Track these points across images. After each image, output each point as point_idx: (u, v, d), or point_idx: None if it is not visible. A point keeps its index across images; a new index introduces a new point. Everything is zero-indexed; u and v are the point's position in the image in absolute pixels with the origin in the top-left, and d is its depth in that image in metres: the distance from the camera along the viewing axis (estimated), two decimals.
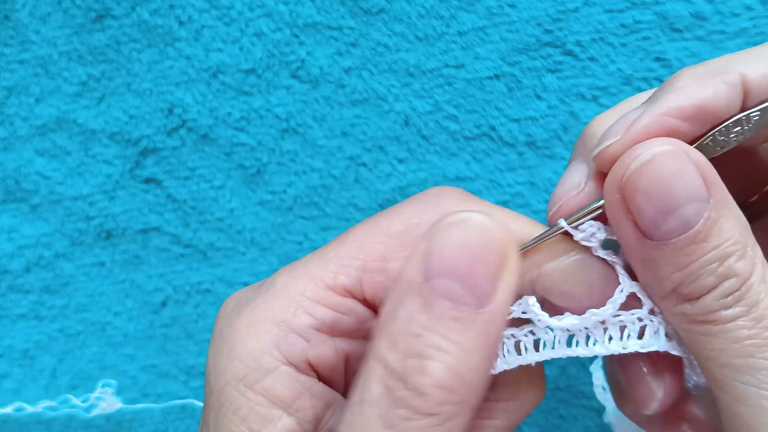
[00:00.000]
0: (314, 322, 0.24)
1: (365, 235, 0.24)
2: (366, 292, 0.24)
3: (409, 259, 0.22)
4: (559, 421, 0.38)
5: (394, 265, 0.24)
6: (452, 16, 0.37)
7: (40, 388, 0.40)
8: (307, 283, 0.24)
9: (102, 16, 0.39)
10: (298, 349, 0.23)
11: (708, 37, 0.36)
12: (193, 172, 0.39)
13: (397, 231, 0.24)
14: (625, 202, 0.21)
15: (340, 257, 0.24)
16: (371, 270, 0.24)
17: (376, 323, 0.23)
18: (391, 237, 0.24)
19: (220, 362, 0.23)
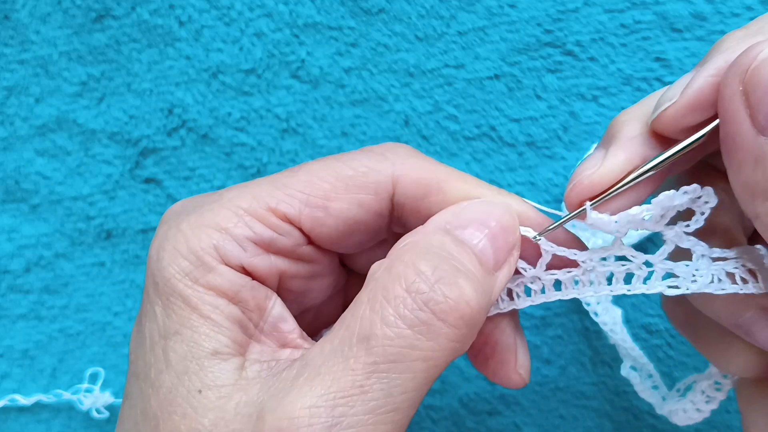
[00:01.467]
0: (252, 234, 0.26)
1: (315, 173, 0.26)
2: (303, 223, 0.26)
3: (440, 212, 0.26)
4: (559, 421, 0.38)
5: (336, 205, 0.26)
6: (452, 16, 0.37)
7: (40, 388, 0.40)
8: (252, 201, 0.26)
9: (102, 16, 0.39)
10: (235, 255, 0.25)
11: (708, 37, 0.36)
12: (193, 172, 0.39)
13: (345, 175, 0.26)
14: (746, 95, 0.21)
15: (287, 187, 0.26)
16: (313, 205, 0.26)
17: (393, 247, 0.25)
18: (339, 179, 0.26)
19: (164, 257, 0.25)
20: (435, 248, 0.24)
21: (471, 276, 0.23)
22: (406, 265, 0.23)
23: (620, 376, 0.37)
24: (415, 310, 0.22)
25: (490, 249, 0.25)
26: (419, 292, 0.23)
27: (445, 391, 0.38)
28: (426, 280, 0.23)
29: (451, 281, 0.23)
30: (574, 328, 0.38)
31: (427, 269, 0.23)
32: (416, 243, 0.24)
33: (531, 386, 0.38)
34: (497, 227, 0.25)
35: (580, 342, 0.38)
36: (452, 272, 0.23)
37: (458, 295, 0.23)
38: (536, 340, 0.38)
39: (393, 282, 0.23)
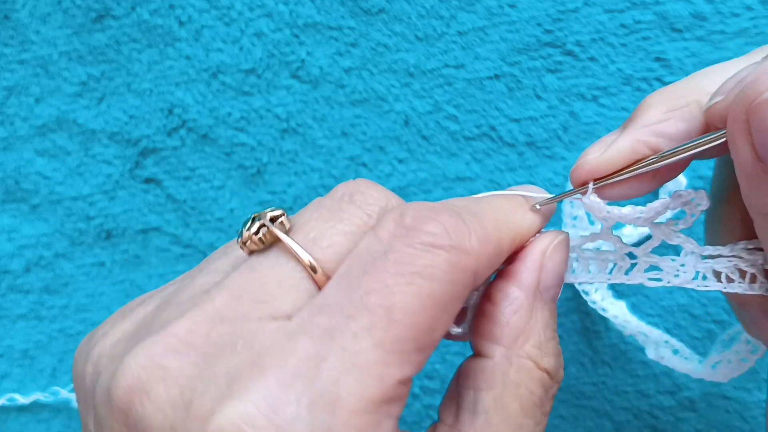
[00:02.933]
0: (395, 422, 0.22)
1: (416, 311, 0.22)
2: (420, 370, 0.23)
3: (524, 272, 0.26)
4: (559, 421, 0.38)
5: (439, 333, 0.22)
6: (452, 16, 0.37)
7: (40, 389, 0.40)
8: (380, 387, 0.21)
9: (102, 16, 0.39)
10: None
11: (708, 37, 0.36)
12: (193, 172, 0.39)
13: (438, 295, 0.22)
14: (748, 124, 0.21)
15: (400, 342, 0.21)
16: (425, 346, 0.22)
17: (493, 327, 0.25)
18: (437, 304, 0.22)
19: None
20: (545, 333, 0.25)
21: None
22: (532, 361, 0.25)
23: (620, 376, 0.37)
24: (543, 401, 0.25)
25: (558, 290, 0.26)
26: (548, 390, 0.25)
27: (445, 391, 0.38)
28: (550, 377, 0.25)
29: (561, 365, 0.25)
30: (574, 328, 0.38)
31: (551, 365, 0.25)
32: (529, 329, 0.25)
33: None
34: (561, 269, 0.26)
35: (580, 342, 0.38)
36: (559, 351, 0.25)
37: (562, 372, 0.26)
38: None
39: (527, 381, 0.24)
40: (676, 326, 0.37)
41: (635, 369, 0.37)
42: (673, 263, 0.26)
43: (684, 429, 0.38)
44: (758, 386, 0.37)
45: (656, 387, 0.37)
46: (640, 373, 0.37)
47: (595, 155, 0.25)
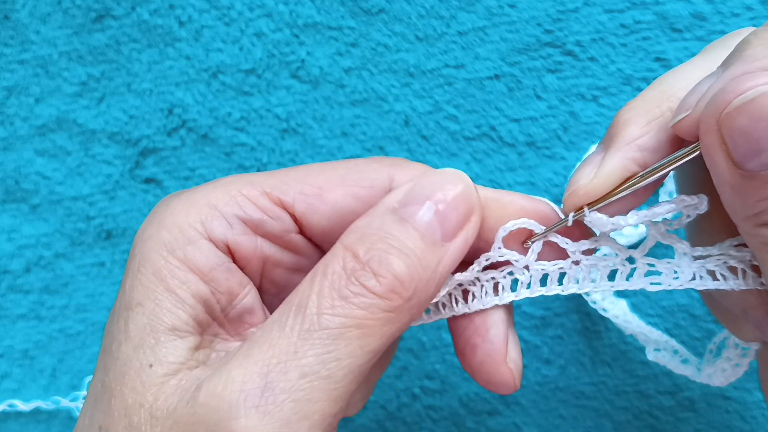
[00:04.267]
0: (241, 213, 0.26)
1: (313, 168, 0.27)
2: (296, 208, 0.27)
3: (391, 192, 0.26)
4: (559, 421, 0.38)
5: (330, 195, 0.26)
6: (452, 16, 0.37)
7: (40, 388, 0.40)
8: (247, 185, 0.26)
9: (102, 16, 0.39)
10: (221, 231, 0.26)
11: (708, 37, 0.36)
12: (193, 172, 0.39)
13: (341, 172, 0.27)
14: (721, 134, 0.22)
15: (284, 176, 0.27)
16: (308, 192, 0.26)
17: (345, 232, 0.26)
18: (335, 174, 0.27)
19: (147, 230, 0.26)
20: (374, 229, 0.25)
21: (406, 251, 0.24)
22: (345, 246, 0.25)
23: (620, 376, 0.37)
24: (348, 285, 0.24)
25: (436, 221, 0.25)
26: (352, 271, 0.24)
27: (445, 391, 0.38)
28: (359, 260, 0.24)
29: (381, 258, 0.24)
30: (574, 328, 0.38)
31: (361, 251, 0.24)
32: (359, 227, 0.25)
33: (531, 386, 0.38)
34: (445, 198, 0.25)
35: (580, 342, 0.38)
36: (384, 251, 0.24)
37: (386, 269, 0.24)
38: (536, 340, 0.38)
39: (332, 261, 0.25)
40: (676, 326, 0.37)
41: (635, 369, 0.37)
42: (669, 265, 0.26)
43: (684, 429, 0.38)
44: (758, 386, 0.37)
45: (656, 387, 0.37)
46: (640, 373, 0.37)
47: (586, 180, 0.25)
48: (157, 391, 0.23)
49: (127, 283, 0.25)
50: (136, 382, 0.24)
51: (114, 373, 0.24)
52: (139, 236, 0.26)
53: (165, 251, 0.25)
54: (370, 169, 0.27)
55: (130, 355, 0.24)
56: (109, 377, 0.24)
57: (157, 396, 0.23)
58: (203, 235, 0.25)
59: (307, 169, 0.27)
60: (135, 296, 0.25)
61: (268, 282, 0.28)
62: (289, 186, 0.27)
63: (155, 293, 0.25)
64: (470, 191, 0.26)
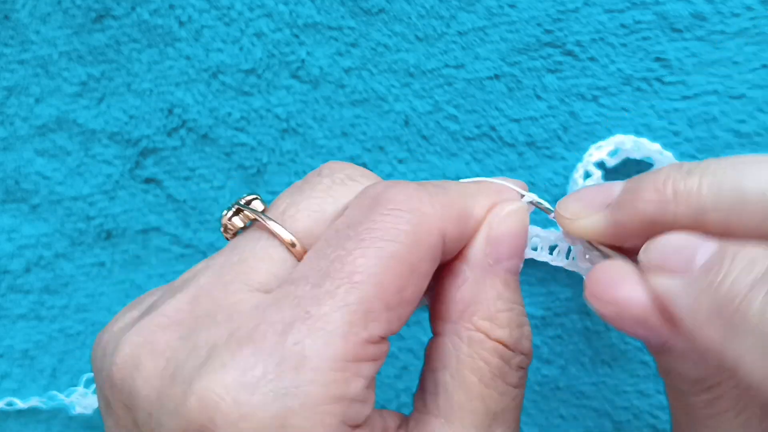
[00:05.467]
0: (365, 382, 0.22)
1: (378, 272, 0.22)
2: (393, 329, 0.23)
3: (473, 246, 0.26)
4: (559, 421, 0.38)
5: (409, 292, 0.23)
6: (452, 16, 0.37)
7: (40, 389, 0.40)
8: (343, 345, 0.21)
9: (102, 16, 0.39)
10: (362, 416, 0.22)
11: (708, 37, 0.36)
12: (193, 172, 0.39)
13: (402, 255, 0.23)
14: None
15: (364, 302, 0.22)
16: (392, 307, 0.23)
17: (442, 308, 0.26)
18: (402, 264, 0.23)
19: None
20: (497, 305, 0.25)
21: (523, 312, 0.26)
22: (484, 333, 0.25)
23: (620, 375, 0.37)
24: (509, 372, 0.25)
25: (516, 261, 0.26)
26: (509, 360, 0.25)
27: None
28: (508, 349, 0.25)
29: (525, 336, 0.25)
30: (574, 328, 0.38)
31: (506, 336, 0.25)
32: (479, 302, 0.25)
33: (531, 386, 0.38)
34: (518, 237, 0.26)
35: (580, 342, 0.38)
36: (519, 326, 0.25)
37: (529, 345, 0.26)
38: (536, 340, 0.38)
39: (476, 357, 0.24)
40: None
41: (635, 369, 0.37)
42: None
43: None
44: None
45: (656, 387, 0.37)
46: (641, 373, 0.37)
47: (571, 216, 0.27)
48: None
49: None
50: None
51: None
52: None
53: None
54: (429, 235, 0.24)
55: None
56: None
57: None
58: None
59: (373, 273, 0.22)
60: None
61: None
62: (377, 313, 0.22)
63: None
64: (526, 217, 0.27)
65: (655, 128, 0.37)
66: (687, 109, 0.37)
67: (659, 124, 0.37)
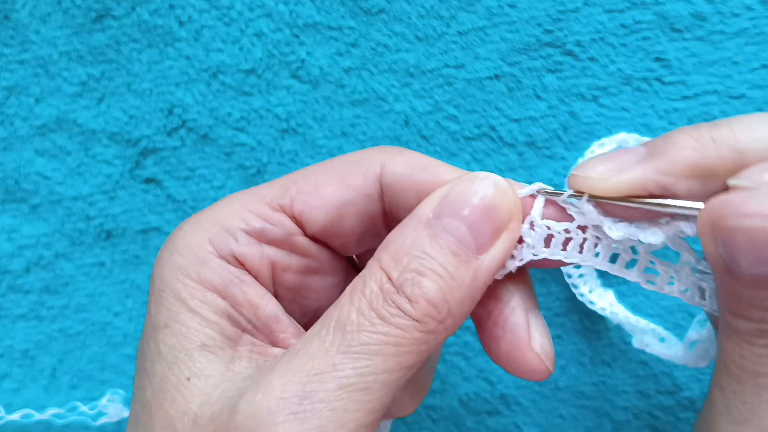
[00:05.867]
0: (245, 226, 0.27)
1: (309, 168, 0.28)
2: (295, 209, 0.27)
3: (425, 199, 0.26)
4: (559, 421, 0.38)
5: (325, 189, 0.27)
6: (452, 16, 0.37)
7: (40, 389, 0.40)
8: (249, 198, 0.27)
9: (102, 16, 0.39)
10: (226, 246, 0.26)
11: (708, 37, 0.36)
12: (193, 172, 0.39)
13: (335, 165, 0.28)
14: (714, 235, 0.23)
15: (283, 182, 0.28)
16: (304, 191, 0.27)
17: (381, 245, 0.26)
18: (330, 169, 0.28)
19: (163, 256, 0.27)
20: (408, 247, 0.25)
21: (439, 272, 0.25)
22: (380, 265, 0.25)
23: (620, 375, 0.37)
24: (385, 305, 0.24)
25: (469, 234, 0.25)
26: (388, 293, 0.24)
27: (445, 391, 0.38)
28: (393, 283, 0.25)
29: (414, 282, 0.24)
30: (574, 328, 0.38)
31: (395, 273, 0.25)
32: (394, 242, 0.25)
33: (531, 386, 0.38)
34: (479, 207, 0.25)
35: (580, 342, 0.38)
36: (417, 273, 0.24)
37: (419, 295, 0.24)
38: None
39: (369, 279, 0.25)
40: (676, 326, 0.37)
41: (635, 369, 0.37)
42: (669, 269, 0.26)
43: (684, 429, 0.38)
44: None
45: (656, 387, 0.37)
46: (640, 373, 0.37)
47: (600, 176, 0.25)
48: (200, 401, 0.24)
49: (152, 307, 0.26)
50: (176, 394, 0.25)
51: (151, 389, 0.25)
52: (157, 262, 0.27)
53: (181, 275, 0.26)
54: (363, 158, 0.28)
55: (165, 372, 0.25)
56: (147, 394, 0.25)
57: (201, 405, 0.24)
58: (213, 254, 0.26)
59: (307, 169, 0.28)
60: (161, 319, 0.26)
61: (282, 288, 0.28)
62: (287, 190, 0.27)
63: (179, 315, 0.26)
64: (503, 196, 0.26)
65: (655, 128, 0.37)
66: (687, 109, 0.37)
67: (659, 124, 0.37)
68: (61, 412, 0.39)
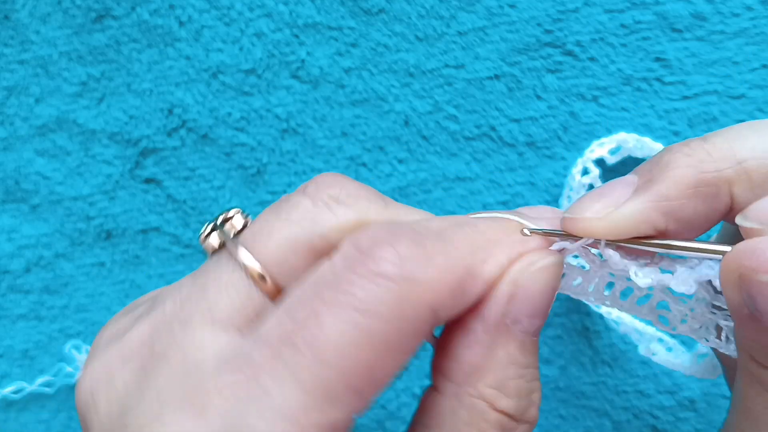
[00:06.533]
0: None
1: (348, 350, 0.20)
2: (358, 411, 0.21)
3: (490, 303, 0.22)
4: (559, 421, 0.38)
5: (383, 373, 0.21)
6: (452, 16, 0.37)
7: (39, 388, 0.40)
8: (291, 429, 0.20)
9: (102, 16, 0.39)
10: None
11: (708, 37, 0.36)
12: (193, 172, 0.39)
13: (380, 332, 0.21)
14: (741, 283, 0.21)
15: (326, 384, 0.20)
16: (361, 389, 0.20)
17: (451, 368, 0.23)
18: (377, 342, 0.20)
19: None
20: (508, 371, 0.22)
21: (538, 380, 0.23)
22: (490, 408, 0.22)
23: (620, 375, 0.37)
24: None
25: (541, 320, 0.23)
26: (508, 428, 0.22)
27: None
28: (513, 419, 0.22)
29: (530, 404, 0.23)
30: (574, 328, 0.38)
31: (512, 407, 0.22)
32: (485, 366, 0.22)
33: None
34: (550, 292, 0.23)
35: (580, 342, 0.38)
36: (528, 396, 0.22)
37: (535, 412, 0.23)
38: None
39: (484, 429, 0.22)
40: None
41: (635, 369, 0.37)
42: (683, 306, 0.24)
43: (684, 429, 0.38)
44: None
45: (656, 387, 0.37)
46: (640, 373, 0.37)
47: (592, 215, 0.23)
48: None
49: None
50: None
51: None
52: None
53: None
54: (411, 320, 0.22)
55: None
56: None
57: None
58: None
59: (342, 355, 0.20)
60: None
61: None
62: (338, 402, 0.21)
63: None
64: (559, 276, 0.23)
65: (655, 128, 0.37)
66: (687, 109, 0.37)
67: (659, 124, 0.37)
68: (51, 379, 0.39)
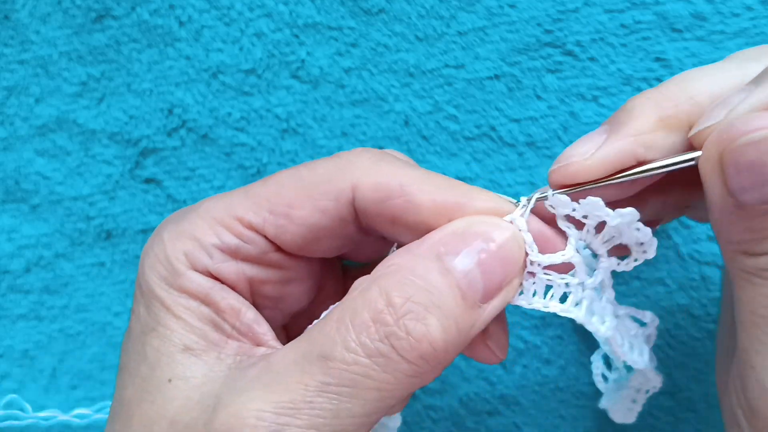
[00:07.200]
0: (219, 243, 0.27)
1: (283, 181, 0.27)
2: (267, 230, 0.27)
3: (437, 230, 0.25)
4: (559, 421, 0.38)
5: (297, 213, 0.27)
6: (452, 16, 0.37)
7: (40, 389, 0.40)
8: (223, 211, 0.27)
9: (102, 16, 0.39)
10: (202, 262, 0.27)
11: (708, 37, 0.36)
12: (193, 172, 0.39)
13: (309, 182, 0.27)
14: (722, 164, 0.22)
15: (256, 196, 0.27)
16: (276, 213, 0.27)
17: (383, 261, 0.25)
18: (303, 187, 0.27)
19: (146, 263, 0.27)
20: (416, 276, 0.23)
21: (446, 312, 0.23)
22: (380, 291, 0.23)
23: None
24: (375, 341, 0.23)
25: (480, 279, 0.24)
26: (384, 324, 0.23)
27: (445, 391, 0.38)
28: (393, 312, 0.23)
29: (419, 317, 0.23)
30: (574, 328, 0.38)
31: (398, 300, 0.23)
32: (400, 267, 0.24)
33: (531, 386, 0.38)
34: (497, 254, 0.24)
35: (580, 342, 0.38)
36: (424, 307, 0.23)
37: (422, 333, 0.23)
38: (536, 340, 0.38)
39: (362, 307, 0.23)
40: (676, 326, 0.37)
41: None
42: (603, 309, 0.27)
43: (684, 429, 0.38)
44: None
45: None
46: None
47: (579, 158, 0.25)
48: (179, 405, 0.24)
49: (140, 309, 0.27)
50: (156, 395, 0.25)
51: (133, 388, 0.26)
52: (140, 268, 0.27)
53: (164, 283, 0.27)
54: (333, 175, 0.27)
55: (148, 373, 0.25)
56: (128, 393, 0.26)
57: (179, 409, 0.24)
58: (189, 267, 0.27)
59: (277, 182, 0.28)
60: (149, 322, 0.26)
61: (261, 297, 0.28)
62: (260, 207, 0.27)
63: (165, 319, 0.26)
64: (520, 249, 0.25)
65: None
66: None
67: None
68: (89, 412, 0.39)
